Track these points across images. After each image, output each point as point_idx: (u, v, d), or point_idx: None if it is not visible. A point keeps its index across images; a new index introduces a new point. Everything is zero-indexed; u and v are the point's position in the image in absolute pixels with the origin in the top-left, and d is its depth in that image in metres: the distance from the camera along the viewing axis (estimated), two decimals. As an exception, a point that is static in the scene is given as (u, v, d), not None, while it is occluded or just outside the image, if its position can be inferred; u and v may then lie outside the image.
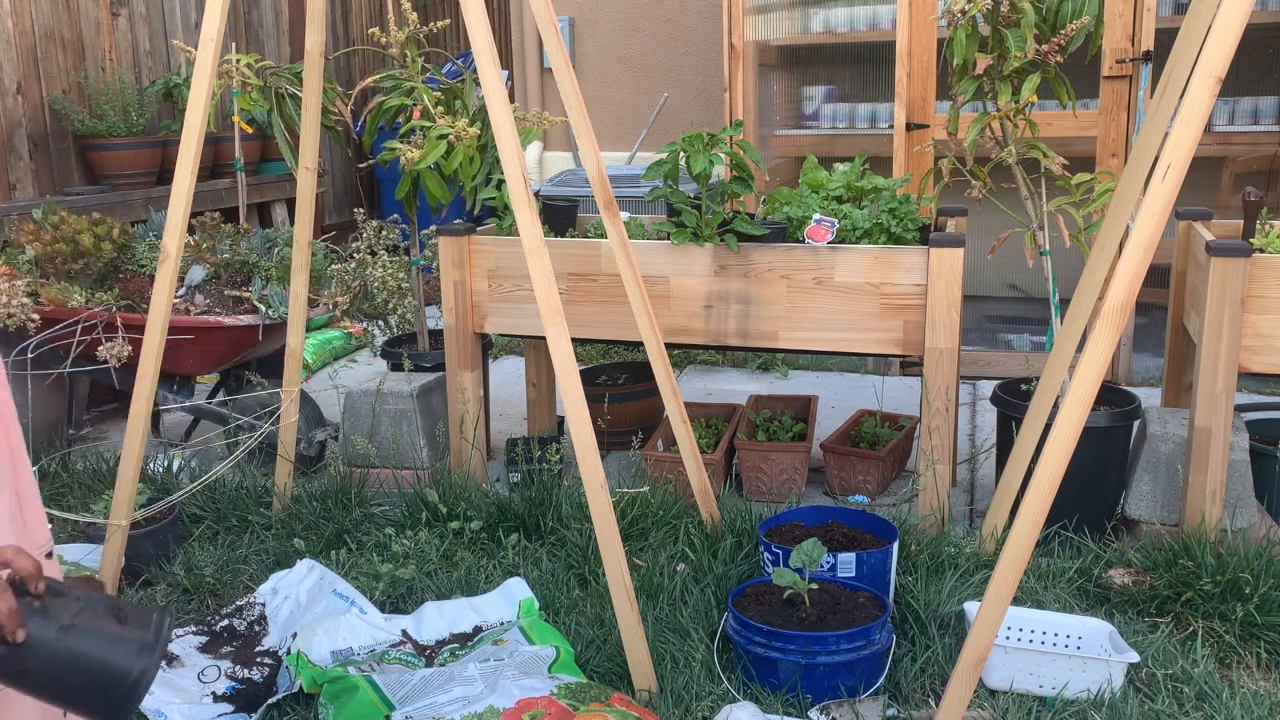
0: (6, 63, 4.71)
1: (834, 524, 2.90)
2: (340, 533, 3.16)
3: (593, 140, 2.80)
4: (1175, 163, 1.93)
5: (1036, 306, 5.38)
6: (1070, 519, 3.01)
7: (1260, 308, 2.82)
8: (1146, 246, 1.95)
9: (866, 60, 5.44)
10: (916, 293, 3.09)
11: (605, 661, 2.51)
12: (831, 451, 3.58)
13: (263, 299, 3.66)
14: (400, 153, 3.53)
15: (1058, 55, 2.90)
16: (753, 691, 2.40)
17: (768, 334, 3.27)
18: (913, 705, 2.39)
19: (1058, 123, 4.49)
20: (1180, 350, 3.40)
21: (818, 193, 3.50)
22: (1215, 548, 2.76)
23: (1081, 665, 2.36)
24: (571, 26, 5.96)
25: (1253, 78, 4.86)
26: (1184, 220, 3.30)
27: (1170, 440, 3.03)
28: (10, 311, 3.44)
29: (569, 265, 3.37)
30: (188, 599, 2.92)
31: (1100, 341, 1.97)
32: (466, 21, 2.30)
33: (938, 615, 2.62)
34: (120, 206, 4.91)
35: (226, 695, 2.48)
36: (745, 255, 3.22)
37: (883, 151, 4.71)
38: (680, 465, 3.18)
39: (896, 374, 4.98)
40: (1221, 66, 1.91)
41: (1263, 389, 4.36)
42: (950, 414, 3.10)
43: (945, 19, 3.00)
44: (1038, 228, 3.14)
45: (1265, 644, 2.55)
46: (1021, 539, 2.01)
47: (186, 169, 2.70)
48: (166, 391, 3.68)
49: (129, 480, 2.74)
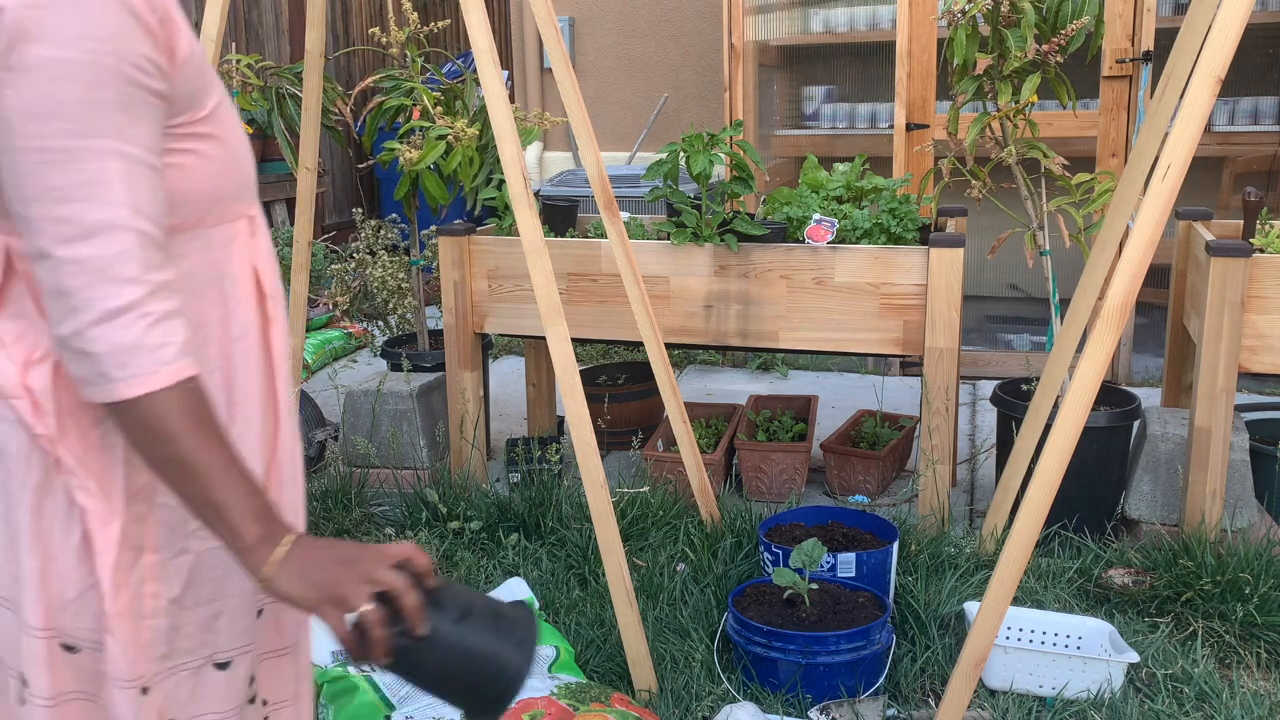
0: (6, 63, 4.72)
1: (834, 524, 2.90)
2: (340, 533, 3.16)
3: (593, 140, 2.80)
4: (1175, 163, 1.93)
5: (1036, 306, 5.38)
6: (1070, 519, 3.01)
7: (1260, 308, 2.82)
8: (1146, 246, 1.95)
9: (866, 60, 5.44)
10: (916, 293, 3.09)
11: (605, 661, 2.51)
12: (831, 451, 3.58)
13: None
14: (399, 153, 3.53)
15: (1058, 55, 2.90)
16: (753, 691, 2.40)
17: (768, 334, 3.26)
18: (913, 705, 2.39)
19: (1058, 123, 4.50)
20: (1180, 350, 3.40)
21: (818, 193, 3.50)
22: (1215, 548, 2.76)
23: (1081, 665, 2.36)
24: (571, 26, 5.96)
25: (1253, 78, 4.87)
26: (1184, 220, 3.30)
27: (1170, 440, 3.03)
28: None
29: (569, 265, 3.37)
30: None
31: (1100, 341, 1.97)
32: (466, 21, 2.30)
33: (938, 615, 2.62)
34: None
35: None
36: (745, 255, 3.22)
37: (883, 151, 4.71)
38: (680, 465, 3.18)
39: (896, 374, 4.98)
40: (1221, 66, 1.90)
41: (1263, 389, 4.36)
42: (950, 414, 3.10)
43: (945, 19, 3.00)
44: (1038, 228, 3.14)
45: (1265, 644, 2.55)
46: (1021, 539, 2.01)
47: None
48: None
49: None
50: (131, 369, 1.10)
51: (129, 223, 1.10)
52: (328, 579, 1.15)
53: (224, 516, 1.14)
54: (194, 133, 1.22)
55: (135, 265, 1.10)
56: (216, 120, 1.25)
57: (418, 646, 1.18)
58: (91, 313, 1.08)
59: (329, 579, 1.15)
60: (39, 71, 1.06)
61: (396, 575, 1.16)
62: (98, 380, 1.10)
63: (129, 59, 1.10)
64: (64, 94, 1.07)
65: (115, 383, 1.10)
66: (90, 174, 1.08)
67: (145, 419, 1.11)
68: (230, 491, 1.14)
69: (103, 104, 1.09)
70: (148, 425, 1.12)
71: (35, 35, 1.06)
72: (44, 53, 1.06)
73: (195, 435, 1.13)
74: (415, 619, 1.16)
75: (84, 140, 1.08)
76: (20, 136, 1.08)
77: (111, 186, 1.09)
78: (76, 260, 1.08)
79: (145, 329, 1.10)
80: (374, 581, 1.15)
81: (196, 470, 1.13)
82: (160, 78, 1.14)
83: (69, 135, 1.08)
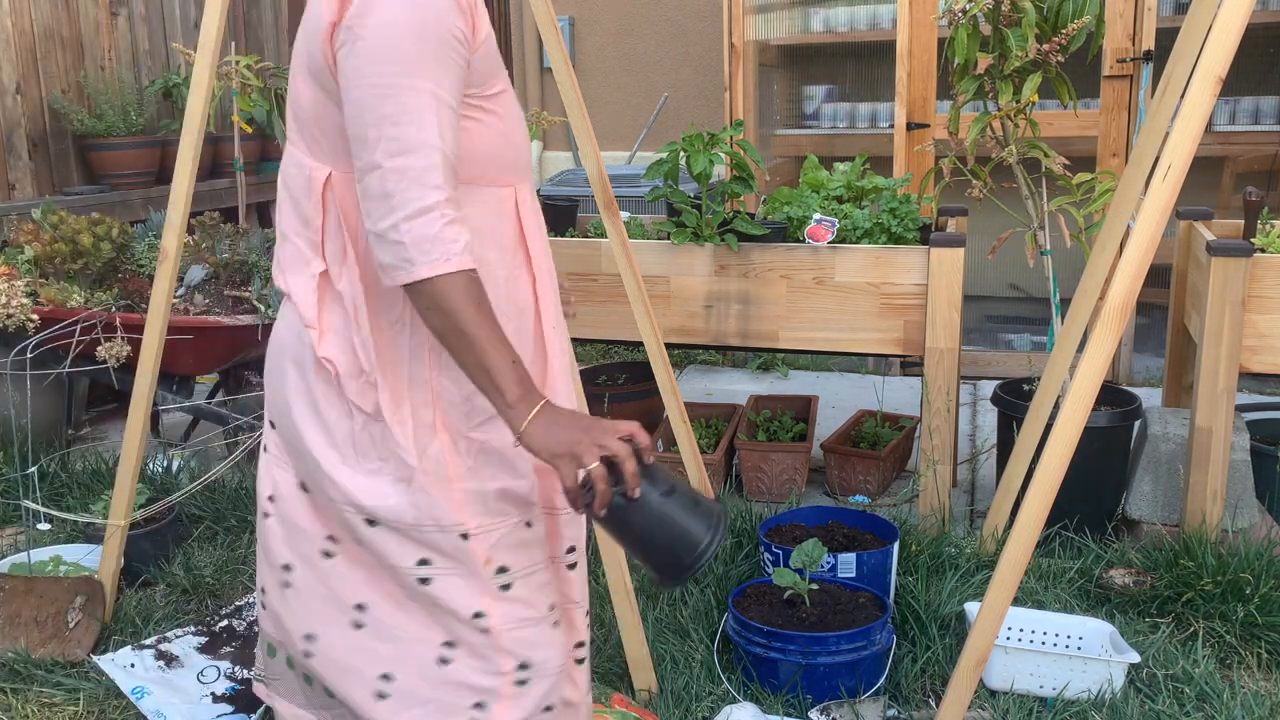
0: (6, 62, 4.71)
1: (834, 524, 2.89)
2: (340, 533, 3.16)
3: (593, 140, 2.79)
4: (1176, 162, 1.93)
5: (1037, 306, 5.38)
6: (1071, 519, 3.01)
7: (1261, 308, 2.82)
8: (1147, 246, 1.94)
9: (866, 60, 5.44)
10: (917, 292, 3.09)
11: (605, 662, 2.51)
12: (832, 451, 3.58)
13: (262, 299, 3.66)
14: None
15: (1059, 55, 2.89)
16: (753, 692, 2.39)
17: (768, 334, 3.26)
18: (913, 706, 2.39)
19: (1058, 122, 4.49)
20: (1181, 350, 3.40)
21: (818, 192, 3.49)
22: (1216, 548, 2.76)
23: (1082, 666, 2.36)
24: (571, 26, 5.95)
25: (1253, 78, 4.86)
26: (1185, 220, 3.29)
27: (1171, 440, 3.03)
28: (10, 311, 3.43)
29: (569, 265, 3.37)
30: (187, 599, 2.91)
31: (1101, 341, 1.97)
32: (466, 21, 2.29)
33: (938, 615, 2.62)
34: (119, 206, 4.90)
35: (226, 696, 2.48)
36: (745, 255, 3.21)
37: (883, 151, 4.71)
38: (680, 465, 3.18)
39: (897, 374, 4.97)
40: (1222, 66, 1.90)
41: (1263, 389, 4.36)
42: (951, 414, 3.10)
43: (946, 18, 3.00)
44: (1038, 227, 3.14)
45: (1266, 644, 2.55)
46: (1022, 539, 2.01)
47: (186, 169, 2.69)
48: (166, 391, 3.68)
49: (128, 481, 2.74)
50: (431, 255, 1.39)
51: (437, 144, 1.42)
52: (568, 438, 1.43)
53: (493, 379, 1.43)
54: (480, 106, 1.53)
55: (439, 176, 1.41)
56: (499, 102, 1.57)
57: (630, 506, 1.43)
58: (407, 209, 1.39)
59: (569, 438, 1.43)
60: (379, 30, 1.41)
61: (622, 445, 1.44)
62: (402, 264, 1.40)
63: (446, 25, 1.43)
64: (397, 45, 1.41)
65: (417, 265, 1.40)
66: (412, 105, 1.41)
67: (437, 296, 1.41)
68: (499, 359, 1.43)
69: (424, 55, 1.42)
70: (439, 301, 1.41)
71: (377, 7, 1.41)
72: (385, 15, 1.41)
73: (474, 312, 1.42)
74: (633, 483, 1.43)
75: (410, 80, 1.41)
76: (365, 76, 1.41)
77: (426, 116, 1.41)
78: (399, 170, 1.40)
79: (442, 226, 1.40)
80: (604, 447, 1.43)
81: (474, 340, 1.43)
82: (466, 48, 1.47)
83: (398, 75, 1.40)
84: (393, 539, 1.59)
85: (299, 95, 1.56)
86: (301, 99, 1.55)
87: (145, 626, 2.74)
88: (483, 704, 1.62)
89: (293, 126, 1.59)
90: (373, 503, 1.57)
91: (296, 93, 1.57)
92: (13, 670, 2.55)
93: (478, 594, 1.60)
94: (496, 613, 1.60)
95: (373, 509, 1.58)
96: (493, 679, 1.61)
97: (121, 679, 2.48)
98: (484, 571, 1.59)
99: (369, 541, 1.60)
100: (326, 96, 1.50)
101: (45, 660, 2.58)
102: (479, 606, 1.59)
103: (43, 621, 2.67)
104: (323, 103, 1.51)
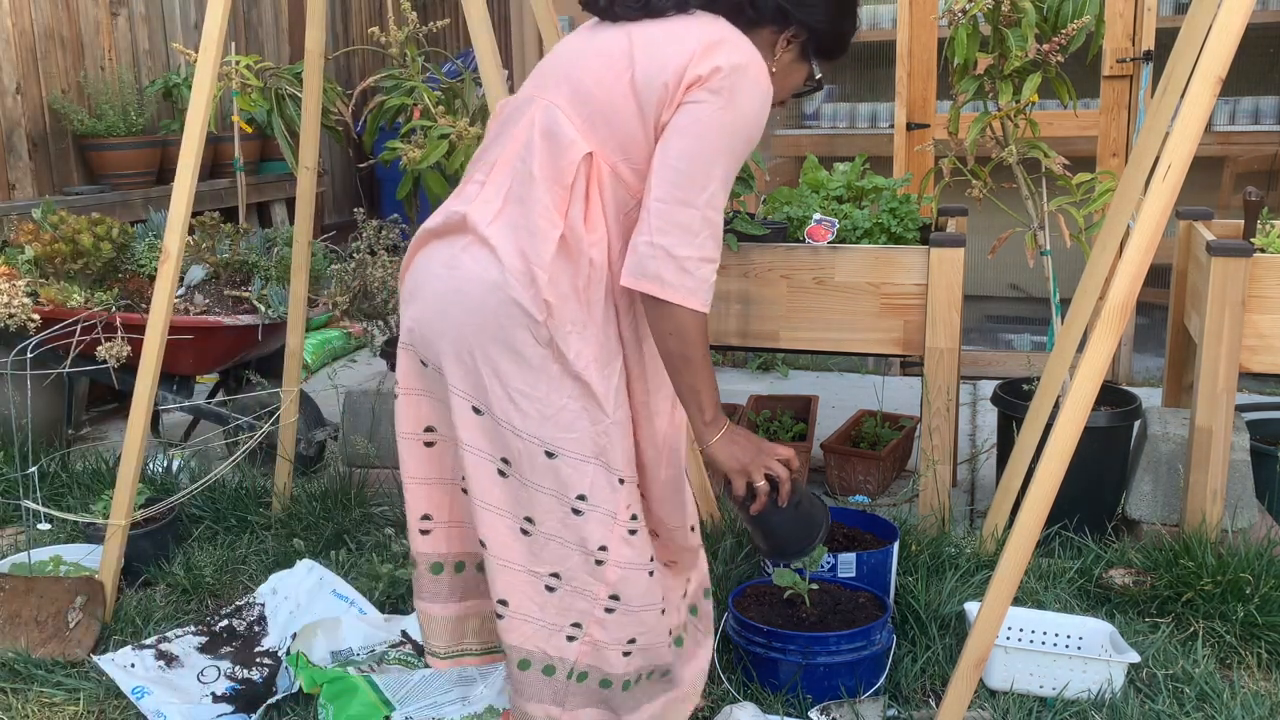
0: (6, 62, 4.71)
1: (834, 524, 2.89)
2: (340, 533, 3.16)
3: (593, 140, 2.79)
4: (1176, 162, 1.93)
5: (1037, 306, 5.38)
6: (1071, 519, 3.01)
7: (1261, 307, 2.82)
8: (1147, 246, 1.94)
9: (866, 60, 5.44)
10: (917, 292, 3.09)
11: (605, 662, 2.51)
12: (832, 451, 3.58)
13: (262, 299, 3.66)
14: (402, 153, 3.52)
15: (1058, 55, 2.89)
16: (753, 692, 2.39)
17: (768, 334, 3.26)
18: (913, 706, 2.39)
19: (1058, 122, 4.49)
20: (1181, 350, 3.40)
21: (818, 192, 3.49)
22: (1216, 548, 2.76)
23: (1082, 665, 2.36)
24: (571, 26, 5.95)
25: (1253, 78, 4.87)
26: (1185, 220, 3.29)
27: (1171, 440, 3.03)
28: (10, 311, 3.44)
29: (569, 265, 3.36)
30: (187, 599, 2.91)
31: (1101, 342, 1.97)
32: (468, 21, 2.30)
33: (938, 615, 2.62)
34: (120, 206, 4.90)
35: (226, 696, 2.48)
36: (745, 255, 3.21)
37: (883, 151, 4.71)
38: (680, 465, 3.18)
39: (896, 374, 4.97)
40: (1222, 66, 1.90)
41: (1263, 389, 4.36)
42: (951, 414, 3.10)
43: (946, 18, 3.00)
44: (1038, 227, 3.14)
45: (1266, 644, 2.55)
46: (1022, 539, 2.01)
47: (187, 169, 2.69)
48: (166, 391, 3.68)
49: (129, 480, 2.74)
50: (701, 296, 1.77)
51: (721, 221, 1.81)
52: (745, 457, 1.88)
53: (700, 399, 1.83)
54: None
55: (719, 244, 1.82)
56: None
57: (778, 511, 1.92)
58: (705, 252, 1.77)
59: (745, 457, 1.88)
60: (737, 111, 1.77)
61: (781, 466, 1.90)
62: (679, 287, 1.75)
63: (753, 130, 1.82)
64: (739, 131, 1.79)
65: (695, 296, 1.76)
66: (727, 178, 1.79)
67: (686, 326, 1.77)
68: (707, 385, 1.83)
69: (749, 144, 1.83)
70: (684, 329, 1.77)
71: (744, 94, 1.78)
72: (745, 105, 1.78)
73: (699, 344, 1.79)
74: (786, 497, 1.91)
75: (732, 157, 1.80)
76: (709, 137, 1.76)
77: (724, 192, 1.79)
78: (712, 224, 1.78)
79: (710, 277, 1.79)
80: (768, 467, 1.89)
81: (695, 365, 1.80)
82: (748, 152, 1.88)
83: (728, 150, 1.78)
84: (567, 469, 1.84)
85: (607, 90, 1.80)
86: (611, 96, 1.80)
87: (145, 626, 2.74)
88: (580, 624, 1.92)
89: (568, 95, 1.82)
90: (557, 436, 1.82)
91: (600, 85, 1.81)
92: (13, 670, 2.55)
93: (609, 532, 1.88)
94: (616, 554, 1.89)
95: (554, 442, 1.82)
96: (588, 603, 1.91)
97: (121, 679, 2.48)
98: (623, 515, 1.88)
99: (543, 470, 1.84)
100: (639, 110, 1.78)
101: (45, 660, 2.58)
102: (605, 542, 1.87)
103: (43, 621, 2.67)
104: (633, 113, 1.79)
